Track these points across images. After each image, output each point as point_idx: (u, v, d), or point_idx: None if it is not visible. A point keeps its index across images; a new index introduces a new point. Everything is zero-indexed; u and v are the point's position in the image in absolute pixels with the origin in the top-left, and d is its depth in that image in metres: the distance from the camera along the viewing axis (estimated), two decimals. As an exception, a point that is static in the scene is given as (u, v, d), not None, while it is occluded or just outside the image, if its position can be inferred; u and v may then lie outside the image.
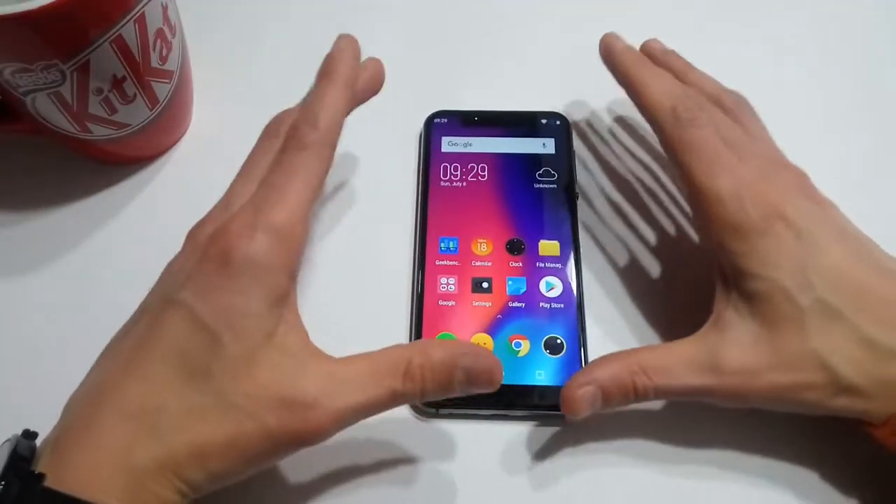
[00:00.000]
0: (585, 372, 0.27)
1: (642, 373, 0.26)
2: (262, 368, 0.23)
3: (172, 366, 0.23)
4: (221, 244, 0.24)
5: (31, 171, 0.38)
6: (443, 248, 0.34)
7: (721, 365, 0.26)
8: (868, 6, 0.43)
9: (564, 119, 0.38)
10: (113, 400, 0.23)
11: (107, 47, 0.30)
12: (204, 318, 0.23)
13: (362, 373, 0.24)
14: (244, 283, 0.24)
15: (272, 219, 0.25)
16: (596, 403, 0.27)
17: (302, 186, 0.26)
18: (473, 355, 0.25)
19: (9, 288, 0.35)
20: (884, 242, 0.28)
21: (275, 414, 0.23)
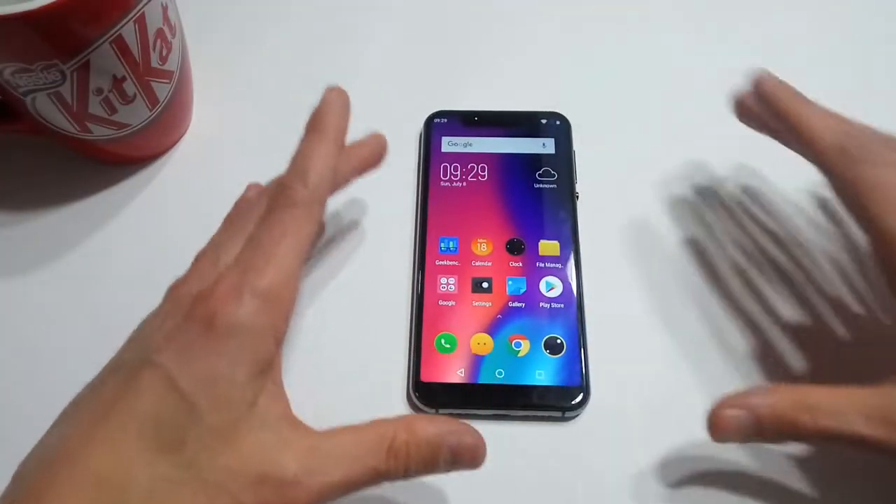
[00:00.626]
0: (741, 395, 0.25)
1: (807, 411, 0.24)
2: (240, 441, 0.22)
3: (144, 433, 0.21)
4: (206, 306, 0.23)
5: (31, 171, 0.38)
6: (443, 248, 0.34)
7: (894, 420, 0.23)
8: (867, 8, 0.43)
9: (565, 119, 0.38)
10: (73, 468, 0.21)
11: (107, 47, 0.30)
12: (182, 384, 0.22)
13: (345, 449, 0.23)
14: (228, 349, 0.22)
15: (260, 282, 0.23)
16: (747, 431, 0.25)
17: (291, 247, 0.24)
18: (459, 434, 0.24)
19: (9, 288, 0.35)
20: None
21: (252, 490, 0.21)
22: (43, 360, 0.33)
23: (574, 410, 0.30)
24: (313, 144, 0.26)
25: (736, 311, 0.33)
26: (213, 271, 0.25)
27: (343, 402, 0.27)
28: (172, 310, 0.24)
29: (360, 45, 0.42)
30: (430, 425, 0.24)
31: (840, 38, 0.42)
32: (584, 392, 0.30)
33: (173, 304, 0.24)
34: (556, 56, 0.42)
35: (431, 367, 0.31)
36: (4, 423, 0.31)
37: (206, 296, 0.23)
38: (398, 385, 0.31)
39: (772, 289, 0.34)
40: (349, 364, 0.31)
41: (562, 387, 0.30)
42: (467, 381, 0.30)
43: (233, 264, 0.24)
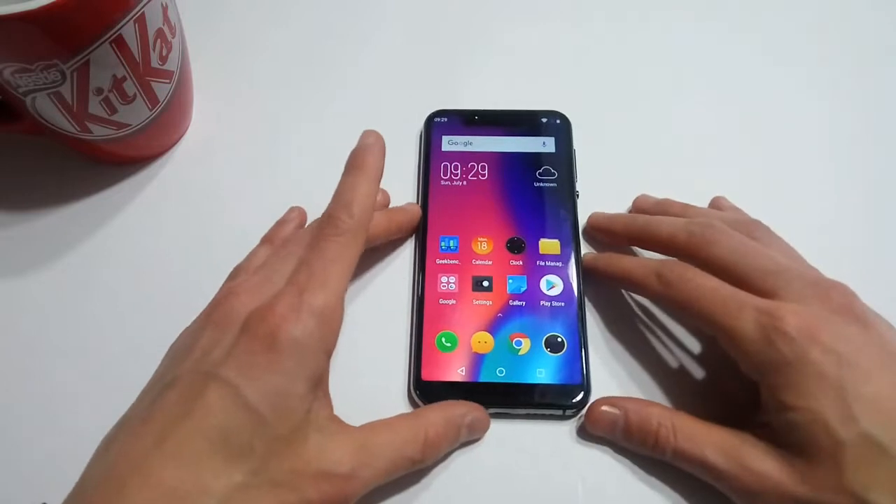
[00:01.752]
0: (620, 398, 0.29)
1: (671, 429, 0.27)
2: (301, 446, 0.24)
3: (213, 444, 0.23)
4: (268, 325, 0.24)
5: (31, 171, 0.38)
6: (443, 247, 0.34)
7: (747, 463, 0.26)
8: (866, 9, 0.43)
9: (565, 118, 0.38)
10: (145, 481, 0.22)
11: (107, 47, 0.30)
12: (249, 397, 0.23)
13: (388, 445, 0.26)
14: (289, 365, 0.24)
15: (315, 302, 0.25)
16: (615, 429, 0.29)
17: (341, 271, 0.27)
18: (471, 413, 0.29)
19: (9, 288, 0.35)
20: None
21: (315, 487, 0.24)
22: (43, 360, 0.33)
23: (575, 409, 0.30)
24: (356, 180, 0.28)
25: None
26: (268, 289, 0.26)
27: (344, 400, 0.27)
28: (225, 324, 0.25)
29: (360, 45, 0.43)
30: (447, 414, 0.28)
31: (843, 37, 0.42)
32: (585, 390, 0.30)
33: (225, 318, 0.26)
34: (556, 55, 0.42)
35: (432, 366, 0.31)
36: (4, 423, 0.31)
37: (265, 313, 0.25)
38: (399, 383, 0.31)
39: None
40: (350, 362, 0.31)
41: (562, 385, 0.30)
42: (468, 380, 0.30)
43: (289, 286, 0.26)
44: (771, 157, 0.38)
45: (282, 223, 0.34)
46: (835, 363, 0.25)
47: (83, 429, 0.25)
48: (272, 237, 0.34)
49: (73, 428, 0.30)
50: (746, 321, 0.26)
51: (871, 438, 0.24)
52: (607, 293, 0.34)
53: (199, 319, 0.27)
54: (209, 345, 0.25)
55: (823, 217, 0.36)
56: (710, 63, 0.41)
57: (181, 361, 0.25)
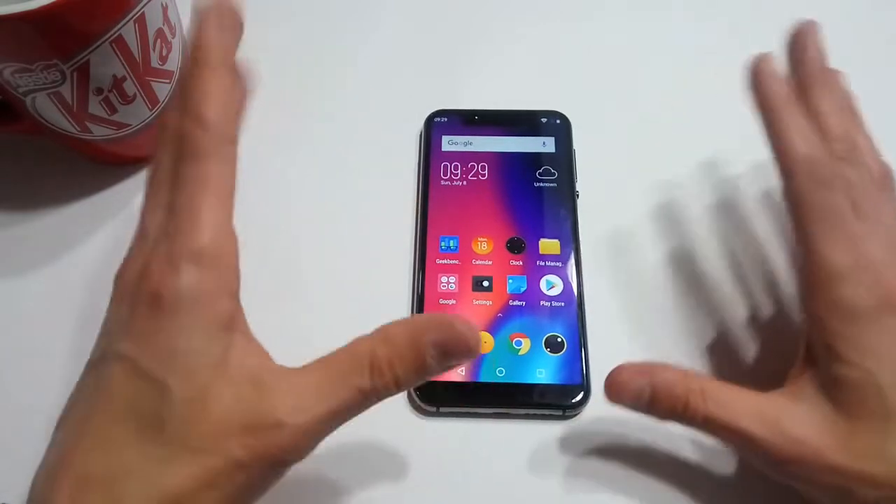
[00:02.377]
0: (642, 364, 0.26)
1: (700, 394, 0.25)
2: (216, 403, 0.22)
3: (126, 424, 0.21)
4: (148, 286, 0.22)
5: (31, 171, 0.38)
6: (443, 247, 0.34)
7: (784, 429, 0.24)
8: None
9: (565, 118, 0.38)
10: (69, 472, 0.21)
11: (107, 47, 0.30)
12: (147, 367, 0.22)
13: (324, 379, 0.23)
14: (181, 322, 0.22)
15: (192, 246, 0.22)
16: (641, 399, 0.26)
17: (213, 200, 0.23)
18: (439, 326, 0.23)
19: (9, 288, 0.35)
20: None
21: (239, 443, 0.21)
22: (43, 360, 0.33)
23: (575, 409, 0.30)
24: (200, 78, 0.23)
25: (738, 308, 0.33)
26: (144, 250, 0.23)
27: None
28: (120, 297, 0.24)
29: (359, 45, 0.43)
30: (406, 327, 0.23)
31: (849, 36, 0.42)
32: (585, 390, 0.30)
33: (119, 291, 0.24)
34: (556, 55, 0.42)
35: (432, 366, 0.31)
36: (4, 423, 0.31)
37: (144, 275, 0.22)
38: (399, 384, 0.31)
39: (776, 288, 0.34)
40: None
41: (562, 385, 0.30)
42: (468, 380, 0.30)
43: (160, 236, 0.23)
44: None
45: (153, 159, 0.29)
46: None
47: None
48: (148, 179, 0.28)
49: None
50: (845, 256, 0.25)
51: None
52: (607, 293, 0.34)
53: (110, 300, 0.25)
54: (110, 323, 0.24)
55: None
56: (711, 62, 0.41)
57: (95, 346, 0.24)
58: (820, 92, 0.29)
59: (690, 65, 0.41)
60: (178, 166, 0.23)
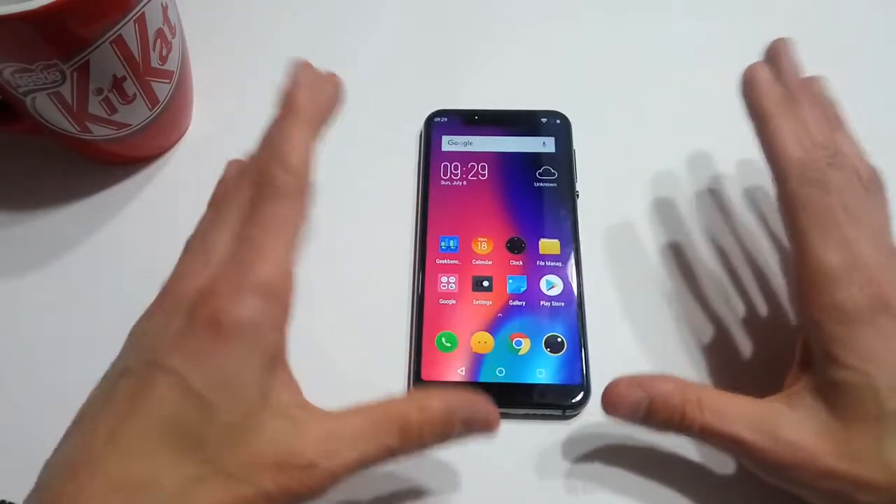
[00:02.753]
0: (638, 377, 0.27)
1: (696, 403, 0.25)
2: (256, 433, 0.23)
3: (163, 436, 0.22)
4: (210, 307, 0.23)
5: (31, 171, 0.38)
6: (443, 247, 0.34)
7: (780, 435, 0.24)
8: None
9: (565, 118, 0.38)
10: (96, 474, 0.21)
11: (107, 47, 0.30)
12: (197, 387, 0.22)
13: (358, 430, 0.24)
14: (237, 349, 0.23)
15: (259, 278, 0.23)
16: (638, 411, 0.26)
17: (284, 239, 0.24)
18: (471, 405, 0.25)
19: (9, 288, 0.35)
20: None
21: (271, 478, 0.22)
22: (43, 360, 0.33)
23: (574, 409, 0.30)
24: (290, 127, 0.26)
25: (738, 309, 0.33)
26: (207, 268, 0.24)
27: (343, 400, 0.27)
28: (173, 310, 0.24)
29: (359, 45, 0.43)
30: (441, 402, 0.25)
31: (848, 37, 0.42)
32: (585, 390, 0.30)
33: (172, 303, 0.24)
34: (556, 55, 0.42)
35: (432, 366, 0.31)
36: (4, 423, 0.31)
37: (207, 296, 0.23)
38: (399, 383, 0.31)
39: (775, 288, 0.34)
40: (350, 363, 0.31)
41: (562, 385, 0.30)
42: (468, 380, 0.30)
43: (229, 262, 0.24)
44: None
45: (224, 182, 0.31)
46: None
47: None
48: (217, 200, 0.30)
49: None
50: (840, 258, 0.25)
51: None
52: (607, 293, 0.34)
53: (152, 304, 0.26)
54: (157, 333, 0.24)
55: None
56: (711, 62, 0.41)
57: (133, 350, 0.24)
58: (799, 103, 0.29)
59: (690, 65, 0.41)
60: (257, 201, 0.25)
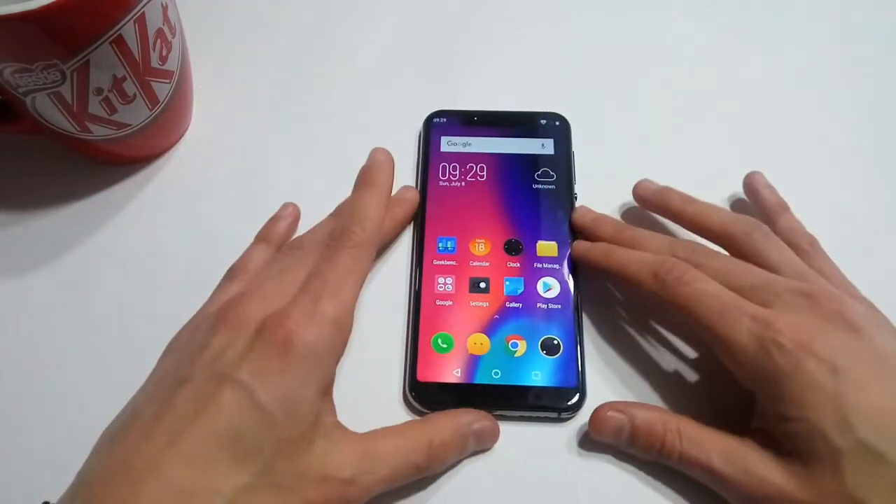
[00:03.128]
0: (624, 403, 0.29)
1: (676, 433, 0.27)
2: (307, 450, 0.25)
3: (225, 445, 0.23)
4: (284, 330, 0.25)
5: (31, 171, 0.38)
6: (441, 248, 0.34)
7: (750, 469, 0.26)
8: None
9: (564, 120, 0.38)
10: (157, 481, 0.22)
11: (107, 47, 0.30)
12: (262, 400, 0.24)
13: (391, 452, 0.27)
14: (302, 371, 0.25)
15: (329, 311, 0.26)
16: (621, 434, 0.28)
17: (354, 282, 0.28)
18: (479, 421, 0.29)
19: (9, 288, 0.35)
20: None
21: (317, 490, 0.24)
22: (43, 360, 0.33)
23: (570, 411, 0.30)
24: (369, 197, 0.31)
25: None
26: (280, 295, 0.27)
27: (340, 401, 0.28)
28: (238, 327, 0.26)
29: (359, 46, 0.43)
30: (455, 422, 0.28)
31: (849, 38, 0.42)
32: (581, 393, 0.30)
33: (238, 320, 0.26)
34: (555, 56, 0.42)
35: (428, 367, 0.31)
36: (4, 423, 0.31)
37: (280, 319, 0.25)
38: (395, 384, 0.31)
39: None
40: (346, 363, 0.31)
41: (558, 388, 0.30)
42: (463, 381, 0.30)
43: (303, 292, 0.27)
44: (773, 156, 0.37)
45: (276, 220, 0.35)
46: (830, 373, 0.25)
47: (84, 428, 0.25)
48: (267, 235, 0.34)
49: (74, 427, 0.30)
50: (742, 331, 0.26)
51: (868, 446, 0.24)
52: (604, 296, 0.34)
53: (208, 318, 0.27)
54: (223, 346, 0.25)
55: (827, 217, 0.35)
56: (711, 64, 0.41)
57: (194, 360, 0.25)
58: (661, 196, 0.34)
59: (690, 67, 0.41)
60: (336, 249, 0.29)
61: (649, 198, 0.34)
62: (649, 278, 0.29)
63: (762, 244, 0.30)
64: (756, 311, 0.27)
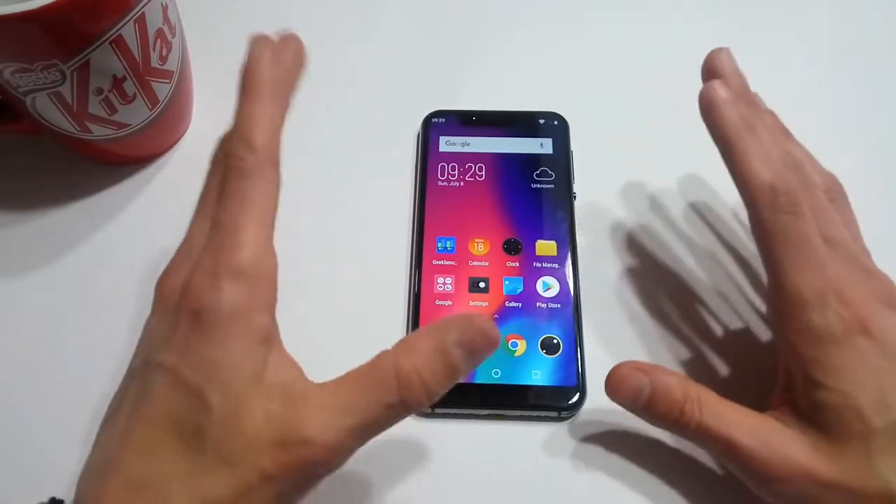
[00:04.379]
0: (643, 364, 0.27)
1: (696, 401, 0.26)
2: (249, 417, 0.22)
3: (166, 432, 0.22)
4: (190, 300, 0.23)
5: (31, 171, 0.38)
6: (440, 248, 0.34)
7: (775, 446, 0.25)
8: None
9: (562, 119, 0.38)
10: (117, 473, 0.22)
11: (107, 47, 0.30)
12: (188, 379, 0.22)
13: (351, 395, 0.23)
14: (221, 336, 0.23)
15: (233, 262, 0.23)
16: (640, 397, 0.26)
17: (255, 218, 0.24)
18: (460, 325, 0.24)
19: (9, 288, 0.35)
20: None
21: (269, 458, 0.22)
22: (43, 360, 0.33)
23: (570, 410, 0.30)
24: (251, 104, 0.25)
25: (734, 311, 0.33)
26: (188, 261, 0.24)
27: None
28: (162, 308, 0.25)
29: (358, 46, 0.43)
30: (427, 334, 0.24)
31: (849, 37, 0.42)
32: (581, 392, 0.30)
33: (161, 301, 0.25)
34: (554, 56, 0.42)
35: (428, 367, 0.31)
36: (4, 423, 0.31)
37: (187, 289, 0.23)
38: (395, 384, 0.31)
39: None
40: (346, 363, 0.31)
41: (558, 387, 0.30)
42: (463, 381, 0.30)
43: (204, 251, 0.24)
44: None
45: None
46: (878, 353, 0.24)
47: (84, 428, 0.26)
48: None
49: (74, 427, 0.30)
50: (812, 284, 0.25)
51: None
52: (604, 295, 0.34)
53: (151, 310, 0.26)
54: (153, 332, 0.25)
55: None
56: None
57: (137, 353, 0.25)
58: (756, 122, 0.28)
59: (688, 66, 0.41)
60: (225, 184, 0.24)
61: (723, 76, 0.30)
62: (766, 188, 0.26)
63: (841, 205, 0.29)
64: (834, 273, 0.25)
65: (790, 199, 0.26)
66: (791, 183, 0.26)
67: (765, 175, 0.26)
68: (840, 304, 0.25)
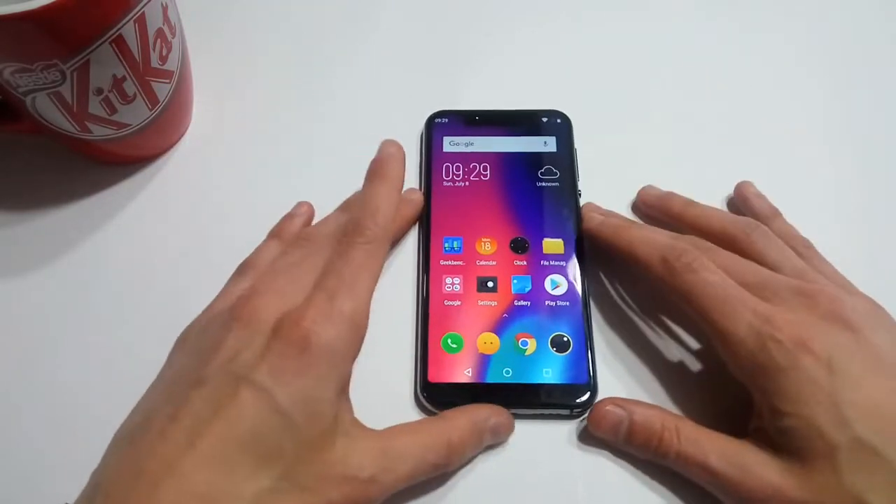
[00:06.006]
0: (624, 399, 0.29)
1: (675, 432, 0.27)
2: (328, 450, 0.25)
3: (245, 447, 0.23)
4: (301, 330, 0.25)
5: (31, 171, 0.37)
6: (447, 248, 0.34)
7: (749, 469, 0.26)
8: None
9: (566, 117, 0.38)
10: (178, 484, 0.22)
11: (107, 47, 0.30)
12: (281, 402, 0.24)
13: (410, 450, 0.26)
14: (320, 370, 0.25)
15: (346, 308, 0.26)
16: (619, 430, 0.28)
17: (367, 278, 0.27)
18: (494, 416, 0.29)
19: (9, 288, 0.34)
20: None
21: (338, 491, 0.24)
22: (43, 360, 0.32)
23: (582, 408, 0.30)
24: (379, 188, 0.30)
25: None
26: (294, 292, 0.26)
27: (352, 403, 0.27)
28: (253, 327, 0.25)
29: (360, 46, 0.42)
30: (471, 419, 0.28)
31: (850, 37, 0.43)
32: (592, 389, 0.30)
33: (243, 319, 0.26)
34: (556, 54, 0.42)
35: (439, 368, 0.31)
36: (4, 423, 0.31)
37: (297, 319, 0.25)
38: (406, 386, 0.31)
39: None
40: (356, 366, 0.31)
41: (569, 384, 0.30)
42: (475, 381, 0.30)
43: (319, 292, 0.26)
44: (775, 156, 0.38)
45: (290, 217, 0.34)
46: (826, 370, 0.25)
47: (84, 428, 0.25)
48: (280, 232, 0.34)
49: (74, 428, 0.30)
50: (741, 324, 0.27)
51: (864, 442, 0.24)
52: (612, 292, 0.34)
53: (221, 315, 0.27)
54: (238, 346, 0.25)
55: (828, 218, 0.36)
56: (713, 61, 0.41)
57: (208, 360, 0.25)
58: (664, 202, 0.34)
59: (691, 63, 0.41)
60: (349, 246, 0.28)
61: (652, 203, 0.35)
62: (657, 264, 0.29)
63: (762, 244, 0.30)
64: (757, 305, 0.27)
65: (684, 261, 0.28)
66: (678, 249, 0.29)
67: (653, 254, 0.29)
68: (774, 331, 0.26)
